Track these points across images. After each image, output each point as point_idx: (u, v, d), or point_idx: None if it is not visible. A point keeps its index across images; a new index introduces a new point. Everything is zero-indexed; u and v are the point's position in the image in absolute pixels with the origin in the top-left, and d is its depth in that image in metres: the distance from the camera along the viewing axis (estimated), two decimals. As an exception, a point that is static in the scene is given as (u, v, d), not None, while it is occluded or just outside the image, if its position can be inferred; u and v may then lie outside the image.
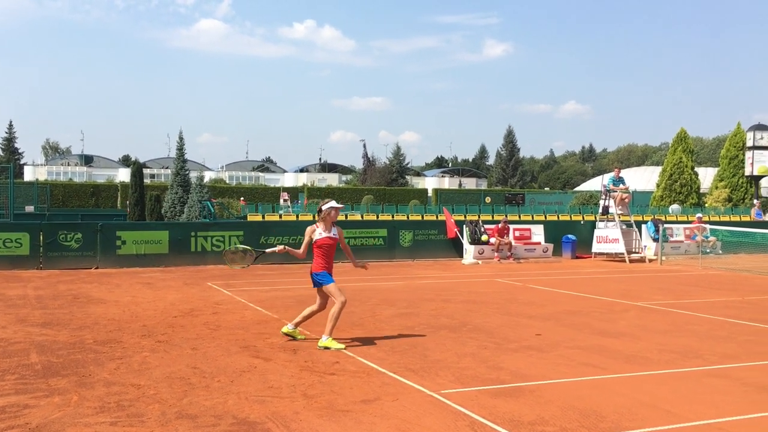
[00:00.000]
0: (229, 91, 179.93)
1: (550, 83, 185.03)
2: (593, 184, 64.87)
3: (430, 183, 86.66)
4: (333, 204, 8.17)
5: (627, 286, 14.66)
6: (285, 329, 8.54)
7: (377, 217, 31.46)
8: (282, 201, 40.68)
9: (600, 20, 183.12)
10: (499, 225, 21.27)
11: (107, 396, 5.96)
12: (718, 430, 5.25)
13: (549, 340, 8.58)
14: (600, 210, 22.39)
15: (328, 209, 8.07)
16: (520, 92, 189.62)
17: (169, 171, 61.75)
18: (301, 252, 8.24)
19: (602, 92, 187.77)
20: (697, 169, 42.84)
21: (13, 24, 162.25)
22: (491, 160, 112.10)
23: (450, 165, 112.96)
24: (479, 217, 27.38)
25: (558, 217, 32.81)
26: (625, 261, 20.86)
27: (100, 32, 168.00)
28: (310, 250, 8.19)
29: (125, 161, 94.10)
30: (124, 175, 72.32)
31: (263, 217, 28.47)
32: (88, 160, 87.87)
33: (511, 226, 21.76)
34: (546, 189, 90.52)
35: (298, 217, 29.26)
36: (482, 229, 21.11)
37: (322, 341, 7.97)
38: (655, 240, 21.96)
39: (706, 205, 38.24)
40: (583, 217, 28.56)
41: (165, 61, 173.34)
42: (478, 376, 6.78)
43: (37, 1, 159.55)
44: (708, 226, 23.32)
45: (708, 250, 22.65)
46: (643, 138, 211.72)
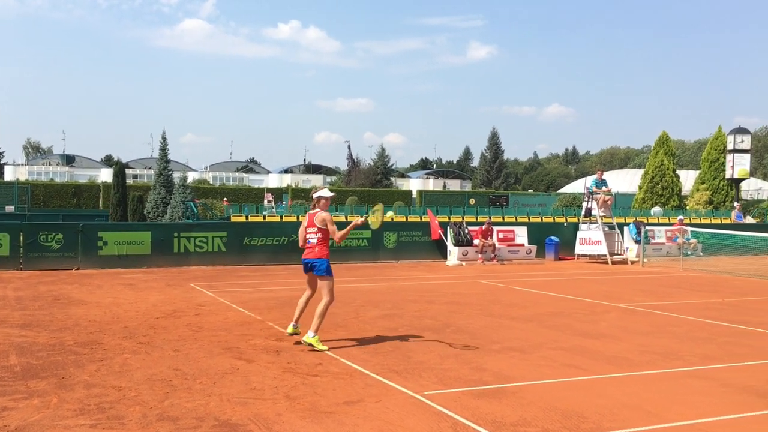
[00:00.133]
0: (213, 91, 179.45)
1: (534, 86, 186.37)
2: (576, 187, 65.24)
3: (415, 184, 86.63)
4: (322, 193, 8.21)
5: (609, 288, 14.76)
6: (290, 330, 8.50)
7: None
8: (266, 202, 40.43)
9: (584, 24, 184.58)
10: (483, 227, 21.36)
11: (87, 398, 5.90)
12: (698, 430, 5.30)
13: (531, 342, 8.61)
14: (583, 212, 22.56)
15: (318, 197, 8.18)
16: (504, 94, 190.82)
17: (152, 171, 61.22)
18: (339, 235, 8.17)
19: (586, 95, 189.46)
20: (678, 171, 43.12)
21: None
22: (476, 161, 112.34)
23: (434, 167, 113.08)
24: (463, 218, 27.44)
25: (541, 219, 32.89)
26: (607, 263, 21.01)
27: (82, 31, 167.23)
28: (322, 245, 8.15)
29: (107, 161, 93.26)
30: (106, 176, 71.60)
31: (247, 218, 28.28)
32: (69, 160, 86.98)
33: (495, 228, 21.86)
34: (530, 191, 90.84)
35: (282, 218, 29.12)
36: (467, 231, 21.18)
37: (309, 337, 7.98)
38: (637, 242, 22.16)
39: (688, 208, 38.50)
40: (566, 219, 28.71)
41: (148, 61, 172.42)
42: (461, 377, 6.79)
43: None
44: (689, 229, 23.56)
45: (689, 252, 22.89)
46: (625, 141, 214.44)
